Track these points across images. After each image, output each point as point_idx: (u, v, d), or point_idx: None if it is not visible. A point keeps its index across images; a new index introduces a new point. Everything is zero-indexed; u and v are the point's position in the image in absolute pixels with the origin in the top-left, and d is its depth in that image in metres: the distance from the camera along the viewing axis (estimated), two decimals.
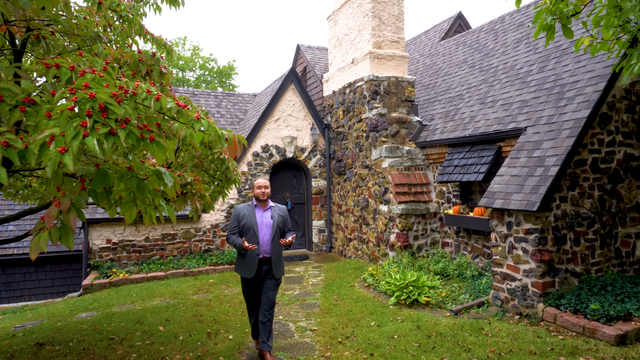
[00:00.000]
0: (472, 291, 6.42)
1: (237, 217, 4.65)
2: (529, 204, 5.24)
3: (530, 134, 6.16)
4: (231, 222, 4.69)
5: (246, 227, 4.58)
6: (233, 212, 4.76)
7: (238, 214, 4.67)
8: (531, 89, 6.96)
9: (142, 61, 2.76)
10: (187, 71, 30.31)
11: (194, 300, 7.17)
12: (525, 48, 8.15)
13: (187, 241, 9.88)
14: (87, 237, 9.08)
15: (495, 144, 6.97)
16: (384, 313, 5.92)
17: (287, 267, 9.51)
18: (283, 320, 6.05)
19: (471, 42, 10.60)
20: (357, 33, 9.62)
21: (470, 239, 7.59)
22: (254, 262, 4.55)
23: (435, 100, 9.52)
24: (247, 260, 4.56)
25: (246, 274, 4.57)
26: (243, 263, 4.61)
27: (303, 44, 13.27)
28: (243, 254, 4.60)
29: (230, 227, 4.68)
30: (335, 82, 10.62)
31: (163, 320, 6.13)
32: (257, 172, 10.52)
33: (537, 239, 5.29)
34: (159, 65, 2.85)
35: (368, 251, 9.28)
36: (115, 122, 2.00)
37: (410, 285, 6.28)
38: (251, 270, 4.55)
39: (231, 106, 13.12)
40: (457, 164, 7.45)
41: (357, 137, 9.61)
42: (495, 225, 5.91)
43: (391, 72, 9.13)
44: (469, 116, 7.86)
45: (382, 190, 8.64)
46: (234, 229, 4.63)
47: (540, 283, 5.25)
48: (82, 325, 6.16)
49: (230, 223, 4.70)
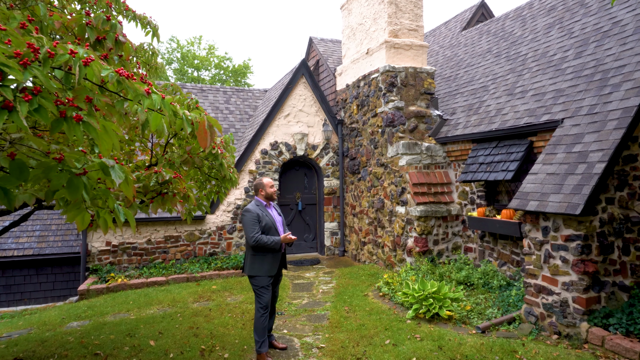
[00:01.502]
0: (501, 304, 5.69)
1: (256, 218, 4.51)
2: (570, 207, 4.50)
3: (568, 126, 5.41)
4: (251, 224, 4.47)
5: (267, 227, 4.53)
6: (246, 214, 4.53)
7: (256, 214, 4.52)
8: (567, 76, 6.19)
9: (90, 25, 2.16)
10: (203, 70, 30.05)
11: (193, 309, 6.60)
12: (559, 33, 7.36)
13: (191, 244, 9.34)
14: (86, 239, 8.61)
15: (526, 138, 6.22)
16: (401, 329, 5.24)
17: (297, 272, 8.89)
18: (287, 334, 5.42)
19: (496, 30, 9.82)
20: (372, 22, 8.95)
21: (497, 244, 6.85)
22: (277, 258, 4.62)
23: (457, 93, 8.77)
24: (271, 258, 4.55)
25: (271, 271, 4.56)
26: (268, 262, 4.55)
27: (316, 37, 12.64)
28: (264, 255, 4.54)
29: (252, 230, 4.46)
30: (349, 75, 9.96)
31: (156, 333, 5.57)
32: (265, 170, 9.92)
33: (579, 247, 4.54)
34: (114, 32, 2.25)
35: (383, 256, 8.59)
36: (16, 92, 1.40)
37: (431, 297, 5.58)
38: (275, 266, 4.60)
39: (241, 102, 12.57)
40: (482, 162, 6.72)
41: (371, 133, 8.93)
42: (529, 231, 5.18)
43: (409, 62, 8.42)
44: (495, 109, 7.11)
45: (399, 191, 7.95)
46: (259, 231, 4.48)
47: (583, 299, 4.50)
48: (69, 337, 5.64)
49: (251, 225, 4.48)
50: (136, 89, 1.75)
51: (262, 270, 4.55)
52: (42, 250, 9.95)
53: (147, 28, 4.19)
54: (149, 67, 5.06)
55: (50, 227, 10.54)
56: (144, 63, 4.97)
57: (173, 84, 4.11)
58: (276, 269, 4.62)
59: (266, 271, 4.54)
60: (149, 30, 4.19)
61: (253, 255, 4.59)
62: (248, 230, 4.48)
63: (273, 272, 4.58)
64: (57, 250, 10.06)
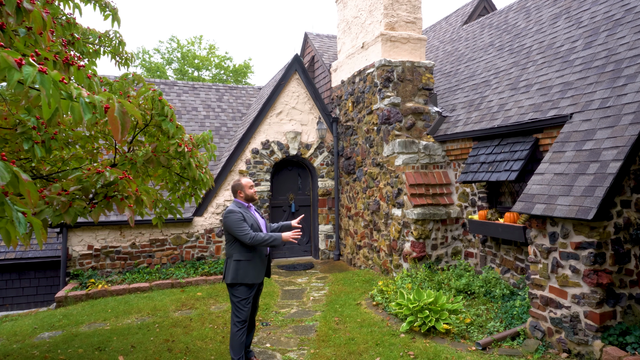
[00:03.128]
0: (504, 316, 5.22)
1: (242, 218, 4.13)
2: (582, 210, 4.02)
3: (577, 121, 4.93)
4: (240, 223, 4.08)
5: (253, 228, 4.18)
6: (230, 215, 4.12)
7: (241, 214, 4.15)
8: (576, 68, 5.71)
9: None
10: (203, 70, 29.64)
11: (174, 319, 6.16)
12: (566, 23, 6.88)
13: (178, 247, 8.89)
14: (66, 243, 8.18)
15: (531, 135, 5.74)
16: (393, 344, 4.76)
17: (288, 277, 8.44)
18: (270, 349, 4.97)
19: (498, 23, 9.33)
20: (367, 14, 8.49)
21: (500, 249, 6.37)
22: (264, 263, 4.31)
23: (457, 89, 8.30)
24: (257, 263, 4.22)
25: (257, 278, 4.23)
26: (253, 267, 4.19)
27: (311, 32, 12.18)
28: (250, 259, 4.17)
29: (243, 229, 4.07)
30: (344, 70, 9.49)
31: (128, 347, 5.12)
32: (256, 170, 9.47)
33: (591, 256, 4.06)
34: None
35: (379, 261, 8.12)
36: None
37: (427, 308, 5.11)
38: (262, 272, 4.29)
39: (233, 100, 12.13)
40: (484, 161, 6.25)
41: (367, 131, 8.46)
42: (535, 237, 4.70)
43: (406, 56, 7.95)
44: (497, 104, 6.64)
45: (395, 192, 7.48)
46: (250, 227, 4.11)
47: (596, 314, 4.02)
48: (34, 351, 5.21)
49: (239, 224, 4.08)
50: (3, 58, 1.30)
51: (248, 277, 4.15)
52: (25, 253, 9.53)
53: (107, 11, 3.74)
54: (119, 58, 4.63)
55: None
56: (111, 53, 4.54)
57: (135, 74, 3.67)
58: (262, 276, 4.31)
59: (252, 278, 4.17)
60: (108, 14, 3.76)
61: (237, 260, 4.16)
62: (237, 230, 4.05)
63: (259, 279, 4.25)
64: (40, 254, 9.63)
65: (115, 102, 1.54)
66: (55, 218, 2.50)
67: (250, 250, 4.16)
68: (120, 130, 1.53)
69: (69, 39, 3.24)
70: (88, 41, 4.29)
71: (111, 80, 3.73)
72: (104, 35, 4.23)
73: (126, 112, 1.58)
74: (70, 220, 2.54)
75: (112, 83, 3.62)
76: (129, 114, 1.58)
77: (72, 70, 2.06)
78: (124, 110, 1.57)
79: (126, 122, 1.56)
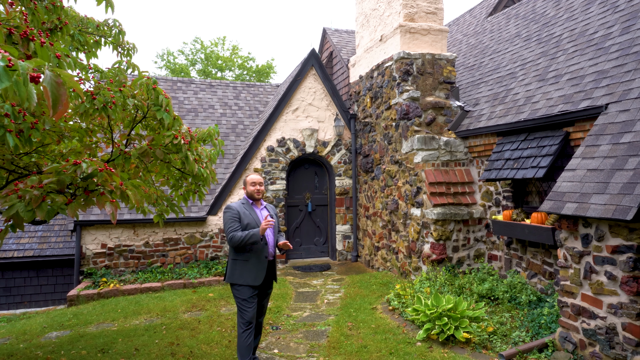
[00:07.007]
0: (530, 325, 4.80)
1: (236, 216, 3.94)
2: (619, 210, 3.60)
3: (614, 112, 4.47)
4: (230, 222, 3.91)
5: (250, 227, 3.93)
6: (226, 211, 3.93)
7: (237, 212, 3.96)
8: (611, 55, 5.24)
9: None
10: (227, 71, 29.76)
11: (182, 320, 5.97)
12: (600, 9, 6.37)
13: (192, 247, 8.74)
14: (80, 241, 8.14)
15: (560, 129, 5.30)
16: (408, 354, 4.42)
17: (304, 279, 8.16)
18: (277, 355, 4.70)
19: (525, 13, 8.83)
20: (386, 5, 8.14)
21: (526, 252, 5.93)
22: (263, 265, 3.99)
23: (480, 82, 7.85)
24: (255, 264, 3.95)
25: (255, 280, 3.94)
26: (248, 269, 3.94)
27: (329, 27, 11.89)
28: (246, 259, 3.94)
29: (229, 227, 3.89)
30: (363, 65, 9.16)
31: (132, 350, 4.95)
32: (272, 169, 9.23)
33: (631, 261, 3.63)
34: None
35: (398, 263, 7.76)
36: None
37: (445, 314, 4.74)
38: (260, 275, 3.97)
39: (251, 98, 11.95)
40: (509, 157, 5.82)
41: (385, 127, 8.11)
42: (565, 239, 4.28)
43: (426, 48, 7.57)
44: (524, 97, 6.19)
45: (414, 191, 7.10)
46: (237, 228, 3.89)
47: (636, 326, 3.59)
48: (38, 352, 5.10)
49: (229, 223, 3.91)
50: None
51: (243, 278, 3.94)
52: (42, 251, 9.57)
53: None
54: (121, 49, 4.45)
55: (53, 228, 10.16)
56: (113, 44, 4.36)
57: (129, 61, 3.46)
58: (261, 279, 4.00)
59: (248, 280, 3.95)
60: None
61: (233, 260, 4.00)
62: (225, 227, 3.92)
63: (258, 282, 3.97)
64: (58, 252, 9.66)
65: (46, 70, 1.30)
66: (26, 213, 2.29)
67: (243, 250, 3.92)
68: (52, 104, 1.28)
69: (56, 23, 3.04)
70: (87, 31, 4.12)
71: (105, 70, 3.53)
72: (102, 24, 4.06)
73: (61, 83, 1.32)
74: (43, 215, 2.32)
75: (103, 71, 3.42)
76: (65, 86, 1.33)
77: (32, 47, 1.83)
78: (58, 80, 1.32)
79: (61, 94, 1.30)
